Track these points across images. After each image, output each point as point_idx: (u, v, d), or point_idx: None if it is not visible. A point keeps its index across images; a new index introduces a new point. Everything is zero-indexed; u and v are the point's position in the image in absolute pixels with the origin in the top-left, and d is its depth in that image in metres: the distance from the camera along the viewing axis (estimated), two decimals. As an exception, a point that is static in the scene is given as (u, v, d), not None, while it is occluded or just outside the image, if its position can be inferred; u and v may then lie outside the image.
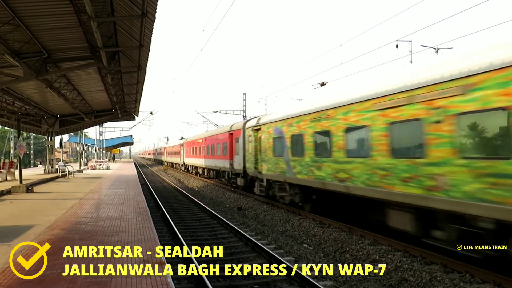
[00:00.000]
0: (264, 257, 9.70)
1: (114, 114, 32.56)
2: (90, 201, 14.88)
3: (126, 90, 24.01)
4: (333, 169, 11.81)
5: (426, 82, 8.13)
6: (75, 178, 28.19)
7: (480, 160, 6.90)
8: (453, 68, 7.59)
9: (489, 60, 6.85)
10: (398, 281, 7.99)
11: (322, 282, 7.80)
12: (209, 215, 16.25)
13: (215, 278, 8.24)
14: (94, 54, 14.90)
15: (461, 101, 7.27)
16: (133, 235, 8.91)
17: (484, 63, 6.92)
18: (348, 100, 10.99)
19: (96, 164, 44.82)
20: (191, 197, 21.77)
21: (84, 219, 10.97)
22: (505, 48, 6.78)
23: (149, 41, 13.33)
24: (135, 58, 15.71)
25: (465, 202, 7.12)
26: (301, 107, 14.63)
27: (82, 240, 8.33)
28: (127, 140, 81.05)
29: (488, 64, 6.83)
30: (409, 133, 8.74)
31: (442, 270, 8.05)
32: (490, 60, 6.84)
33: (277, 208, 16.84)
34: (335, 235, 11.33)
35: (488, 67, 6.81)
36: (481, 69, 6.94)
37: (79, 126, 33.88)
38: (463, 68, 7.33)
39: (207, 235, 12.53)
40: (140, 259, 6.93)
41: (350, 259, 9.63)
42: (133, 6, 10.73)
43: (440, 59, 9.62)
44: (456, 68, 7.52)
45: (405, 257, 8.98)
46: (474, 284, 7.31)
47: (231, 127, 24.64)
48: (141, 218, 11.09)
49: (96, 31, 11.44)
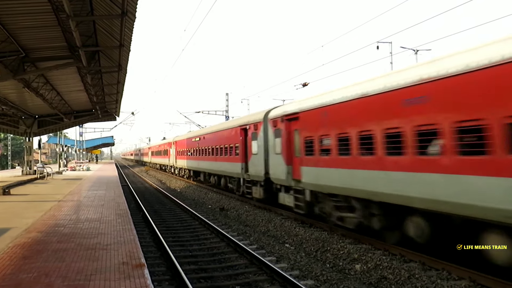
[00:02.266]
0: (245, 257, 9.71)
1: (94, 115, 32.08)
2: (69, 203, 14.63)
3: (106, 90, 23.69)
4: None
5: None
6: (54, 179, 27.67)
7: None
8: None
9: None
10: (377, 279, 8.10)
11: (303, 281, 7.85)
12: (191, 216, 16.16)
13: (196, 279, 8.21)
14: (73, 54, 14.67)
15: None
16: (113, 237, 8.81)
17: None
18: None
19: (76, 165, 44.11)
20: (173, 198, 21.62)
21: (63, 221, 10.78)
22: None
23: (130, 40, 13.20)
24: (116, 58, 15.53)
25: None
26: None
27: (60, 243, 8.20)
28: (108, 140, 79.91)
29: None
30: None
31: (420, 267, 8.19)
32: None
33: (259, 208, 16.86)
34: (317, 235, 11.42)
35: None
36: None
37: (58, 127, 33.27)
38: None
39: (189, 236, 12.47)
40: (119, 261, 6.85)
41: (331, 258, 9.72)
42: (113, 5, 10.61)
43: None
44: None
45: (384, 256, 9.11)
46: (451, 280, 7.46)
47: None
48: (122, 220, 10.96)
49: (75, 30, 11.26)
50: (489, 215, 6.64)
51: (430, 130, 7.74)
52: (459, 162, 7.17)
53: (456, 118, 7.16)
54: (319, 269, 8.70)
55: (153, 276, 7.90)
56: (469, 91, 6.97)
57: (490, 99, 6.62)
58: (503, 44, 6.66)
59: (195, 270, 8.89)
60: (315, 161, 11.96)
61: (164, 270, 8.75)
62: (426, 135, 7.88)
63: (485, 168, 6.66)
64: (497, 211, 6.47)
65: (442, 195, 7.47)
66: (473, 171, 6.87)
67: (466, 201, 7.00)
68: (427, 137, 7.89)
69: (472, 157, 6.95)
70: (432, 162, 7.74)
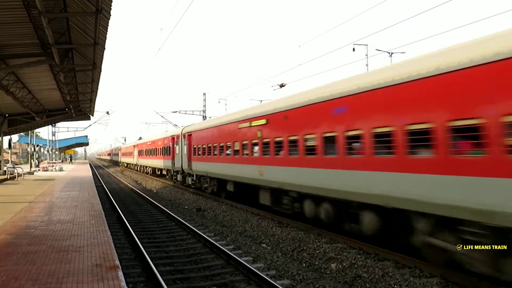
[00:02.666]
0: (222, 258, 9.68)
1: (67, 114, 31.37)
2: (41, 204, 14.26)
3: (80, 89, 23.20)
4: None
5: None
6: (25, 180, 26.92)
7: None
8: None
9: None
10: (352, 278, 8.21)
11: (280, 281, 7.89)
12: (167, 216, 16.00)
13: (172, 280, 8.14)
14: (46, 51, 14.29)
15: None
16: (86, 238, 8.63)
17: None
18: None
19: (48, 166, 43.00)
20: (149, 198, 21.35)
21: (34, 223, 10.50)
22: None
23: (104, 38, 12.96)
24: (90, 56, 15.23)
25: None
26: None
27: (31, 245, 7.98)
28: (82, 140, 78.34)
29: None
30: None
31: (394, 266, 8.36)
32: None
33: (236, 208, 16.85)
34: (293, 235, 11.49)
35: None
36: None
37: (30, 126, 32.41)
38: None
39: (165, 237, 12.34)
40: (93, 263, 6.72)
41: (307, 257, 9.80)
42: (87, 3, 10.40)
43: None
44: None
45: (359, 255, 9.25)
46: (423, 278, 7.65)
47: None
48: (95, 221, 10.76)
49: (47, 27, 10.98)
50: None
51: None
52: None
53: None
54: (295, 269, 8.76)
55: (128, 278, 7.79)
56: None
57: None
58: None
59: (171, 271, 8.80)
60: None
61: (139, 272, 8.63)
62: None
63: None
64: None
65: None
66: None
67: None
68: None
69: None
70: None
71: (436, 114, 7.13)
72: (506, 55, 6.04)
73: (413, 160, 7.69)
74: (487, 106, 6.28)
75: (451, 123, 6.87)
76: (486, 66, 6.33)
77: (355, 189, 9.25)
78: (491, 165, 6.20)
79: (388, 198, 8.23)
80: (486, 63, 6.31)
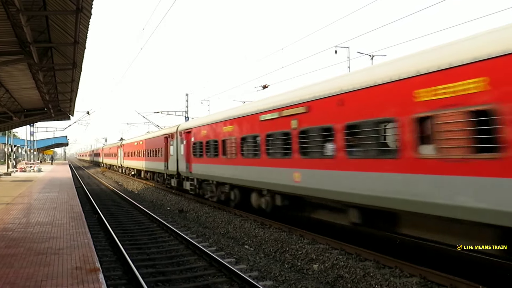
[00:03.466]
0: (205, 259, 9.64)
1: (46, 114, 30.67)
2: (19, 206, 13.94)
3: (60, 88, 22.74)
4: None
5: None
6: (2, 181, 26.28)
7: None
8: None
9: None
10: (334, 278, 8.29)
11: (262, 282, 7.90)
12: (149, 218, 15.84)
13: (154, 282, 8.06)
14: (24, 49, 13.96)
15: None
16: (66, 241, 8.48)
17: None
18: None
19: (26, 166, 42.05)
20: (130, 200, 21.11)
21: (11, 225, 10.26)
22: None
23: (85, 37, 12.73)
24: (70, 55, 14.94)
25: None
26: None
27: (8, 248, 7.80)
28: (62, 140, 76.86)
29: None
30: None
31: (375, 266, 8.47)
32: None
33: (219, 210, 16.80)
34: (276, 236, 11.53)
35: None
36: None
37: (7, 126, 31.57)
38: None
39: (147, 239, 12.21)
40: (73, 265, 6.61)
41: (289, 258, 9.84)
42: (67, 1, 10.20)
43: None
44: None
45: (341, 255, 9.33)
46: (403, 278, 7.77)
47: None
48: (75, 223, 10.58)
49: (25, 25, 10.72)
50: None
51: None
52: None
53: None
54: (277, 270, 8.79)
55: (109, 281, 7.68)
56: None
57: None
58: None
59: (153, 273, 8.72)
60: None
61: (120, 274, 8.52)
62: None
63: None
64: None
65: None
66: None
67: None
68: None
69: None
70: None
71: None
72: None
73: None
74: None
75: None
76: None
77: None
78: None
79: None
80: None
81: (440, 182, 6.71)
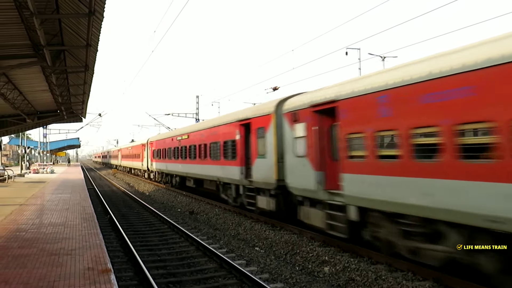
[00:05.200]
0: (215, 261, 9.64)
1: (59, 116, 31.04)
2: (32, 207, 14.11)
3: (72, 91, 23.00)
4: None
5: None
6: (16, 182, 26.63)
7: None
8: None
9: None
10: (345, 281, 8.22)
11: (273, 284, 7.87)
12: (160, 219, 15.91)
13: (164, 284, 8.08)
14: (37, 52, 14.15)
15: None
16: (78, 242, 8.55)
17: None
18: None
19: (39, 168, 42.59)
20: (141, 201, 21.23)
21: (25, 226, 10.38)
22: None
23: (97, 40, 12.86)
24: (82, 58, 15.10)
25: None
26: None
27: (21, 248, 7.89)
28: (74, 142, 77.80)
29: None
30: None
31: (387, 269, 8.38)
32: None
33: (229, 212, 16.80)
34: (286, 238, 11.48)
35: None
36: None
37: (21, 128, 31.99)
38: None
39: (157, 240, 12.26)
40: (85, 266, 6.65)
41: (300, 261, 9.79)
42: (79, 4, 10.31)
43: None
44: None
45: (352, 258, 9.26)
46: (416, 281, 7.67)
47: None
48: (87, 224, 10.66)
49: (39, 28, 10.87)
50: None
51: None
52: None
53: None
54: (288, 272, 8.75)
55: (120, 282, 7.71)
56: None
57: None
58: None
59: (164, 274, 8.75)
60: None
61: (131, 275, 8.56)
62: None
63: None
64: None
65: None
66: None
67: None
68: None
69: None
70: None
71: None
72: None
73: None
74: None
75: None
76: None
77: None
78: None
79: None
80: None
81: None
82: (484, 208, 6.27)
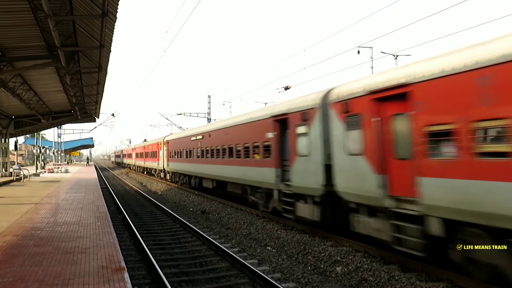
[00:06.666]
0: (227, 260, 9.67)
1: (73, 116, 31.48)
2: (47, 206, 14.31)
3: (86, 91, 23.28)
4: None
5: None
6: (31, 182, 27.03)
7: None
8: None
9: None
10: (358, 281, 8.17)
11: (285, 284, 7.87)
12: (172, 219, 16.02)
13: (177, 282, 8.13)
14: (52, 54, 14.37)
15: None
16: (92, 240, 8.65)
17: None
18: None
19: (54, 167, 43.17)
20: (154, 200, 21.39)
21: (40, 224, 10.54)
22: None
23: (110, 41, 13.00)
24: (96, 59, 15.28)
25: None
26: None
27: (37, 247, 8.01)
28: (88, 142, 78.65)
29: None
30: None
31: (400, 269, 8.30)
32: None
33: (241, 211, 16.82)
34: (298, 237, 11.45)
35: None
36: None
37: (36, 128, 32.52)
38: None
39: (170, 239, 12.34)
40: (99, 265, 6.73)
41: (312, 260, 9.76)
42: (93, 5, 10.44)
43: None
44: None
45: (365, 258, 9.20)
46: (429, 282, 7.59)
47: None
48: (101, 223, 10.78)
49: (53, 29, 11.03)
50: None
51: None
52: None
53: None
54: (300, 272, 8.73)
55: (133, 280, 7.78)
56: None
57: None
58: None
59: (176, 273, 8.80)
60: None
61: (144, 274, 8.63)
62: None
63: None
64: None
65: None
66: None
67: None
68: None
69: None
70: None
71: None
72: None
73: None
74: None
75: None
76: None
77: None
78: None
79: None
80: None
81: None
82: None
